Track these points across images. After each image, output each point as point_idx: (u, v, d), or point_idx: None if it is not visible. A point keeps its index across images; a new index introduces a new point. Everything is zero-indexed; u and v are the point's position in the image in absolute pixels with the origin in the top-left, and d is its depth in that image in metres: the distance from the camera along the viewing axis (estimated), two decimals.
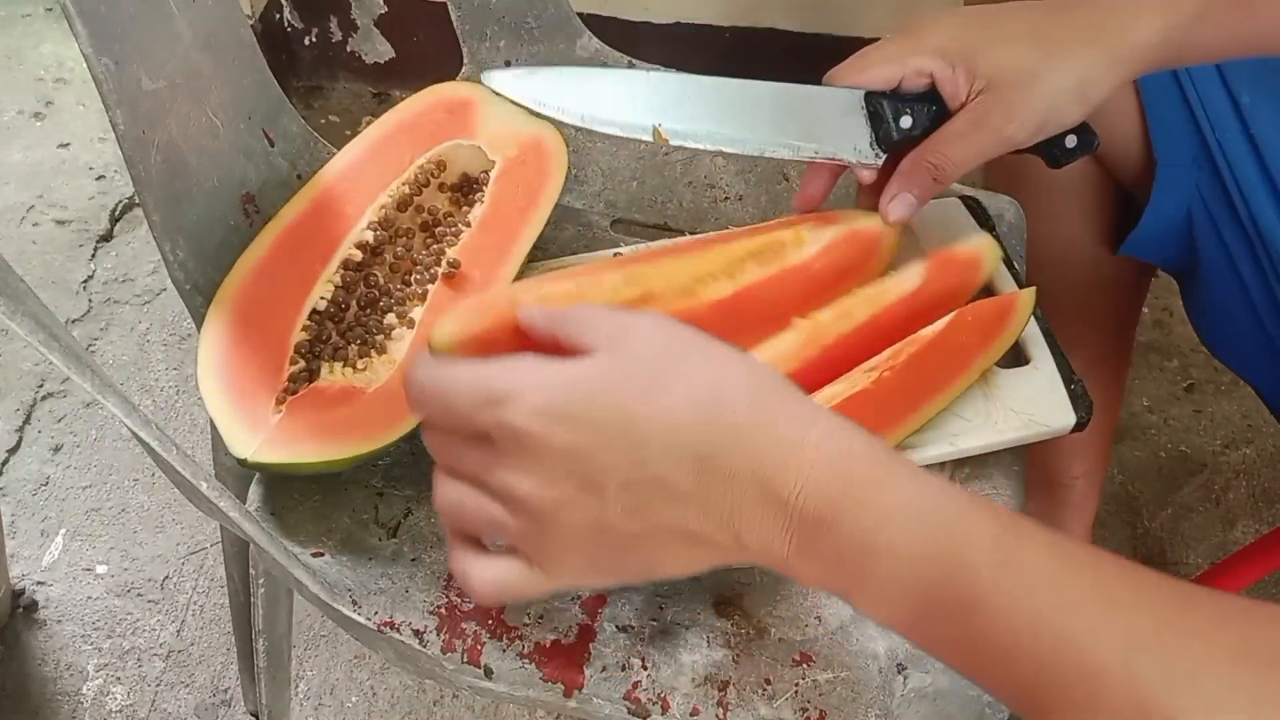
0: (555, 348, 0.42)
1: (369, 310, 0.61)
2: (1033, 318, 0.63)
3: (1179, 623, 0.35)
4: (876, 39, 0.63)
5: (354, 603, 0.54)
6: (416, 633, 0.53)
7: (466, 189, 0.67)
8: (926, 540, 0.37)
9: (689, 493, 0.38)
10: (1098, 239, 0.82)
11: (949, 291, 0.62)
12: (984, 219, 0.69)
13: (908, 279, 0.61)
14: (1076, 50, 0.56)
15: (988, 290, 0.66)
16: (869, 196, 0.63)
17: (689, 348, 0.40)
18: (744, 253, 0.61)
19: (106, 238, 1.34)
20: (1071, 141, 0.61)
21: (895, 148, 0.60)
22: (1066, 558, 0.37)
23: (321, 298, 0.60)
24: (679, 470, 0.38)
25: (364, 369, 0.57)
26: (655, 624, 0.54)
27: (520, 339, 0.45)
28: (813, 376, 0.57)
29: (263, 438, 0.53)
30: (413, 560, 0.56)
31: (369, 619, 0.53)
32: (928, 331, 0.59)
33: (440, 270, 0.60)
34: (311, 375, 0.57)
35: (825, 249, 0.61)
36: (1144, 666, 0.34)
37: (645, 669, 0.53)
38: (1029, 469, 0.62)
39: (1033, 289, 0.62)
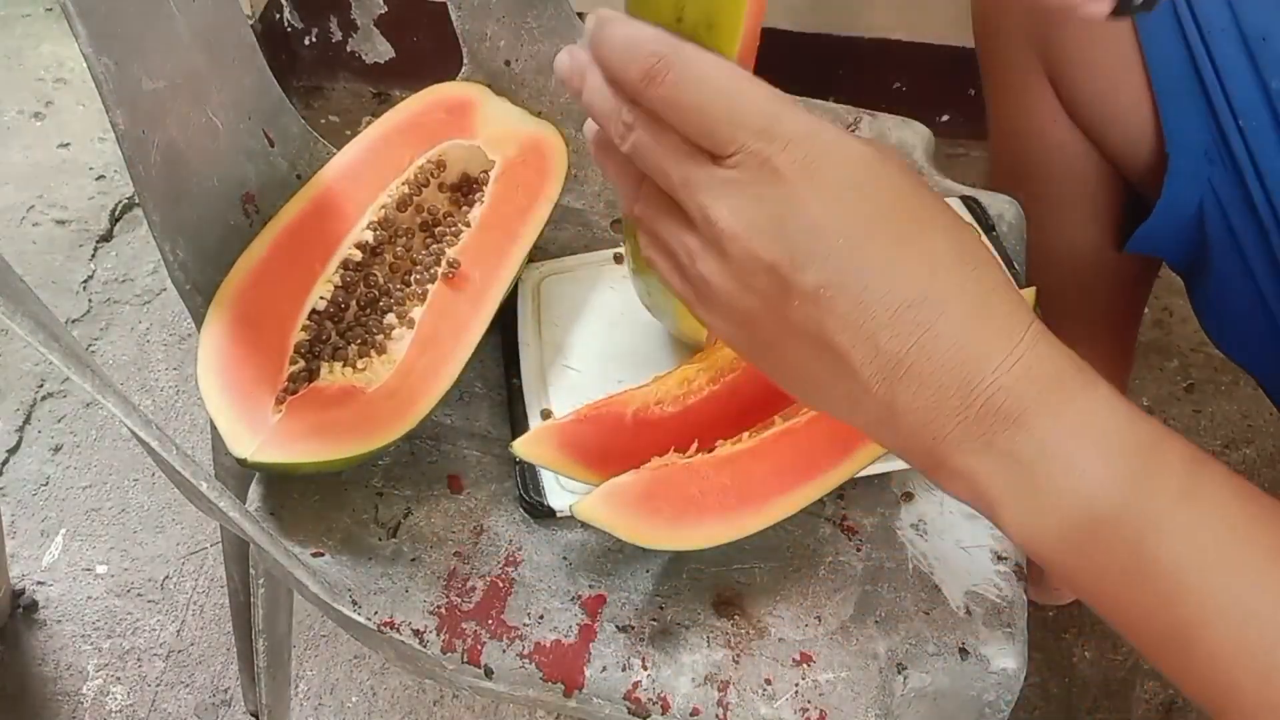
0: None
1: (369, 310, 0.61)
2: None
3: None
4: (877, 39, 0.63)
5: (354, 603, 0.54)
6: (416, 633, 0.53)
7: (466, 189, 0.67)
8: (1111, 460, 0.35)
9: (871, 325, 0.34)
10: (1103, 236, 0.82)
11: None
12: (984, 219, 0.69)
13: None
14: None
15: None
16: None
17: (924, 199, 0.37)
18: None
19: (106, 238, 1.34)
20: None
21: None
22: (1248, 502, 0.36)
23: (321, 298, 0.60)
24: (880, 297, 0.34)
25: (364, 369, 0.57)
26: (655, 624, 0.54)
27: None
28: None
29: (262, 438, 0.53)
30: (413, 560, 0.56)
31: (369, 619, 0.53)
32: None
33: (440, 270, 0.60)
34: (311, 375, 0.57)
35: None
36: None
37: (645, 669, 0.53)
38: None
39: (1032, 289, 0.62)
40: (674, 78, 0.35)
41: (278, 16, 1.45)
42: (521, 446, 0.54)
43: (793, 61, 0.80)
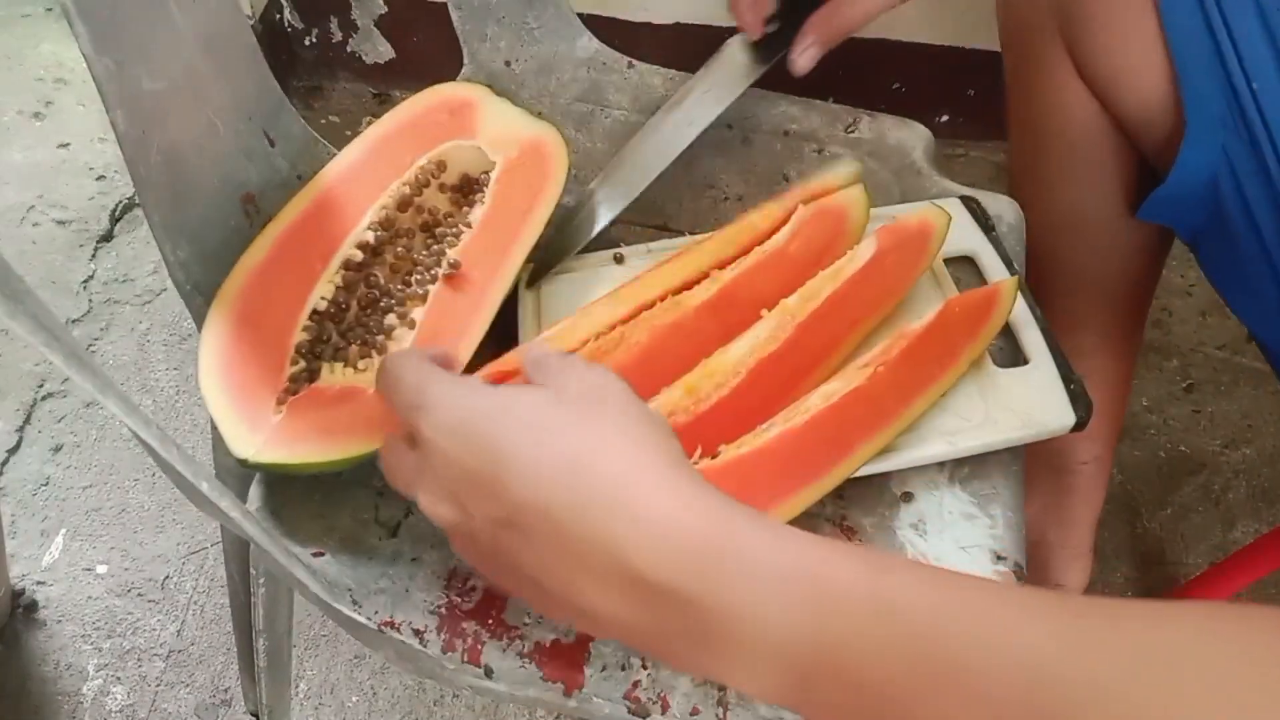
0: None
1: (369, 310, 0.61)
2: (1032, 317, 0.63)
3: (1074, 627, 0.32)
4: (876, 39, 0.63)
5: (354, 603, 0.54)
6: (417, 632, 0.53)
7: (467, 189, 0.67)
8: (793, 597, 0.35)
9: (541, 548, 0.38)
10: (1115, 204, 0.82)
11: (904, 260, 0.63)
12: (983, 219, 0.69)
13: (862, 252, 0.63)
14: None
15: (981, 280, 0.66)
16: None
17: (597, 406, 0.41)
18: (721, 251, 0.64)
19: (107, 238, 1.34)
20: None
21: None
22: (942, 582, 0.35)
23: (322, 298, 0.60)
24: (537, 522, 0.38)
25: (364, 369, 0.57)
26: None
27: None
28: (789, 360, 0.58)
29: (263, 438, 0.53)
30: (413, 560, 0.56)
31: (369, 619, 0.53)
32: (917, 325, 0.60)
33: (441, 271, 0.61)
34: (312, 375, 0.57)
35: (796, 231, 0.63)
36: (1046, 672, 0.31)
37: (645, 668, 0.53)
38: (1035, 458, 0.62)
39: (1015, 278, 0.63)
40: (383, 373, 0.47)
41: (278, 17, 1.45)
42: None
43: None
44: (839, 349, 0.60)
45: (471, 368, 0.58)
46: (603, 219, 0.68)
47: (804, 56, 0.70)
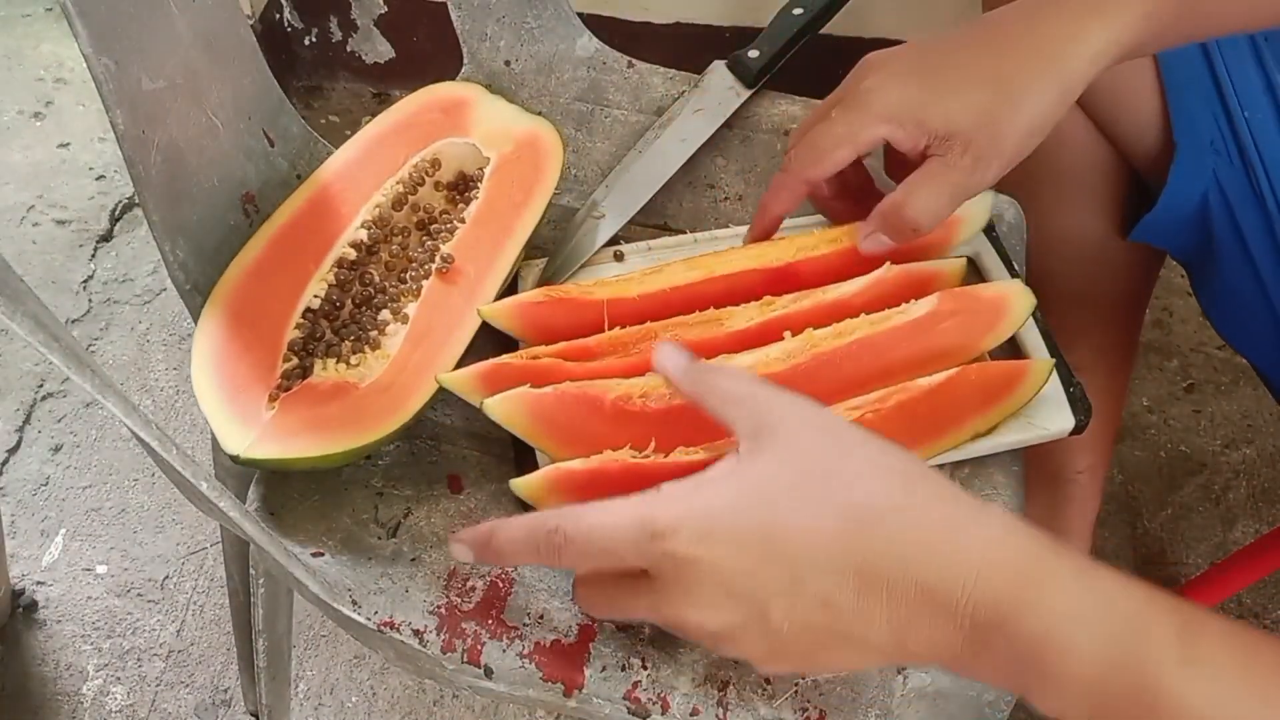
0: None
1: (364, 308, 0.61)
2: (1032, 319, 0.63)
3: None
4: (878, 40, 0.63)
5: (354, 603, 0.54)
6: (416, 633, 0.53)
7: (462, 186, 0.67)
8: (1106, 638, 0.37)
9: (850, 606, 0.39)
10: (1109, 225, 0.82)
11: (963, 329, 0.59)
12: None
13: (917, 307, 0.59)
14: (1031, 86, 0.55)
15: (980, 279, 0.66)
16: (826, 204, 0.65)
17: (838, 448, 0.41)
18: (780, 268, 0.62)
19: (106, 238, 1.34)
20: None
21: None
22: (1251, 650, 0.37)
23: (315, 296, 0.60)
24: (838, 586, 0.39)
25: (357, 364, 0.57)
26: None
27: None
28: (790, 386, 0.57)
29: (255, 434, 0.53)
30: (413, 560, 0.56)
31: (369, 619, 0.53)
32: (924, 382, 0.56)
33: (434, 266, 0.60)
34: (305, 372, 0.57)
35: (870, 286, 0.60)
36: None
37: (645, 669, 0.53)
38: (1031, 466, 0.62)
39: (1049, 361, 0.59)
40: (572, 544, 0.43)
41: (278, 16, 1.45)
42: (495, 405, 0.53)
43: (794, 61, 0.81)
44: (848, 395, 0.56)
45: (464, 361, 0.57)
46: (607, 231, 0.68)
47: (869, 242, 0.61)
